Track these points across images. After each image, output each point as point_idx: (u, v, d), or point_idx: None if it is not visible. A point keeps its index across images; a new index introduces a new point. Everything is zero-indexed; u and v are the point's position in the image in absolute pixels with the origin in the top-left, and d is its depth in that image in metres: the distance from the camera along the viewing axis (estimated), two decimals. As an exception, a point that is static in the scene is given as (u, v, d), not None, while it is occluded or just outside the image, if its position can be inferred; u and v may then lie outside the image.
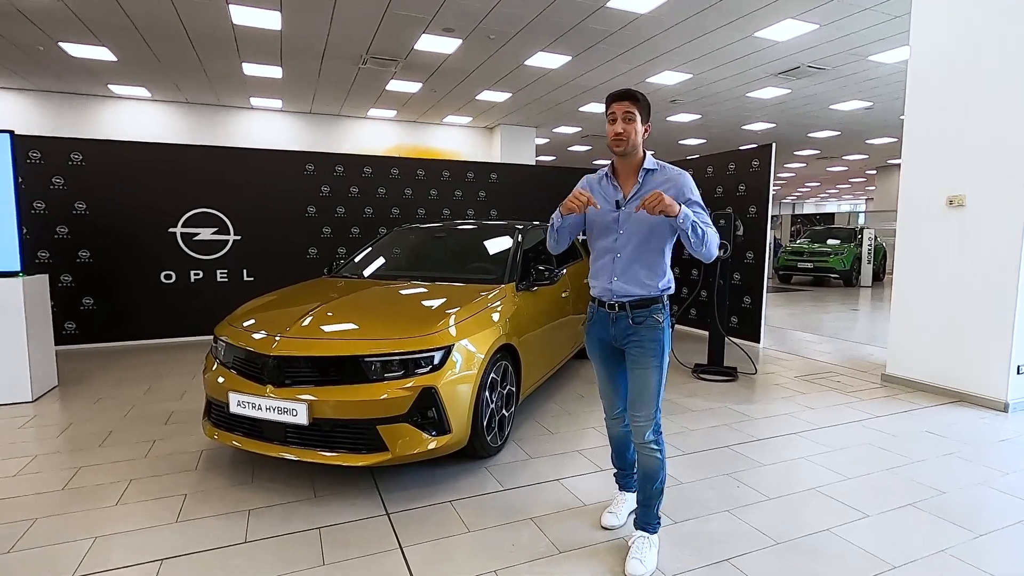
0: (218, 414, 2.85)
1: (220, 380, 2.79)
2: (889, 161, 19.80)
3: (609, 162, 2.16)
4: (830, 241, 13.68)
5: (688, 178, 2.04)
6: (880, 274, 14.22)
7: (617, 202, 2.05)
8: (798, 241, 14.84)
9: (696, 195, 2.03)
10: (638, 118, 2.00)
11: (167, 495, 2.62)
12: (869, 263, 13.22)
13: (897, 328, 4.69)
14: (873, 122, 13.24)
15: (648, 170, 2.06)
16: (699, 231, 1.89)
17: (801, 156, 19.06)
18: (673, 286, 2.11)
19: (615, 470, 2.47)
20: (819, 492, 2.70)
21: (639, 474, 2.15)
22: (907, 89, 4.57)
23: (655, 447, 2.07)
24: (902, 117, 4.40)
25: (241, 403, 2.64)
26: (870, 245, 13.25)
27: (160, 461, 3.01)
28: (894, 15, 6.82)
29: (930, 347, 4.45)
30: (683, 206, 1.88)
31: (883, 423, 3.73)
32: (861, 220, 19.83)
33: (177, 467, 2.93)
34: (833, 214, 21.63)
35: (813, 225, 19.33)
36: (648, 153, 2.10)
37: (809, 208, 40.05)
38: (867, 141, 15.93)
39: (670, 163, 2.23)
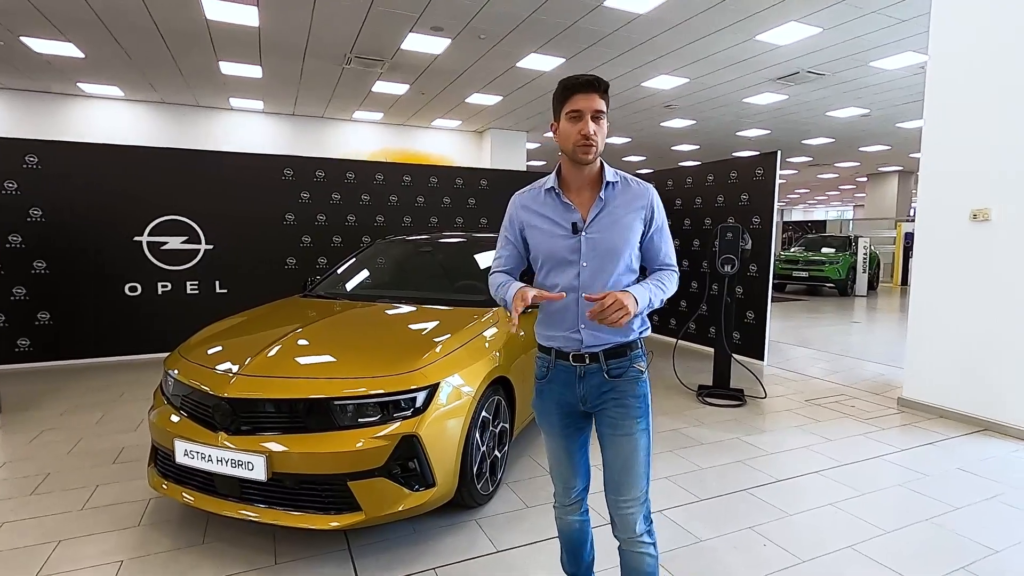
0: (165, 463, 2.45)
1: (167, 423, 2.40)
2: (881, 169, 19.74)
3: (555, 169, 1.63)
4: (824, 250, 13.44)
5: (657, 195, 1.64)
6: (874, 283, 14.03)
7: (574, 225, 1.55)
8: (792, 249, 14.59)
9: (664, 218, 1.66)
10: (606, 117, 1.51)
11: (99, 562, 2.22)
12: (864, 272, 13.01)
13: (915, 350, 4.40)
14: (868, 129, 13.07)
15: (610, 183, 1.57)
16: (657, 303, 1.56)
17: (793, 163, 18.93)
18: (649, 324, 1.67)
19: None
20: (857, 552, 2.37)
21: None
22: (925, 96, 4.29)
23: (648, 540, 1.59)
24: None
25: (188, 453, 2.25)
26: (865, 254, 13.02)
27: (98, 514, 2.60)
28: (901, 19, 6.57)
29: (952, 371, 4.16)
30: (636, 296, 1.46)
31: (909, 458, 3.42)
32: (849, 228, 19.68)
33: (117, 522, 2.53)
34: (824, 221, 21.46)
35: (806, 232, 19.15)
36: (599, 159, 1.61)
37: (797, 215, 40.13)
38: (860, 148, 15.79)
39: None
